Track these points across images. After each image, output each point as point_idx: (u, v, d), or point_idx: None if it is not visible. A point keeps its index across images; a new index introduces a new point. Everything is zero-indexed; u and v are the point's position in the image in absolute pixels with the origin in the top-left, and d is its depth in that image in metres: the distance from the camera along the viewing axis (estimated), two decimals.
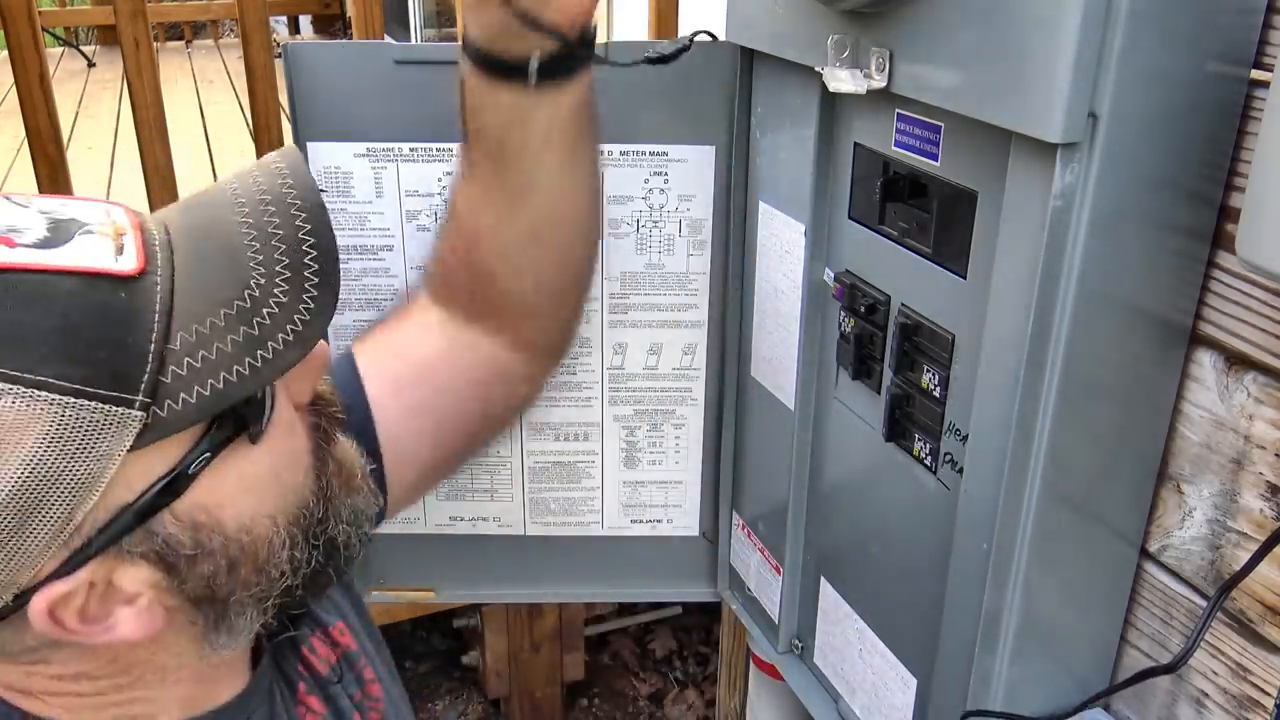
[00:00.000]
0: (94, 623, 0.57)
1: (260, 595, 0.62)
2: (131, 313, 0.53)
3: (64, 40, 5.90)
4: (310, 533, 0.63)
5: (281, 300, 0.56)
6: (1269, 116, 0.55)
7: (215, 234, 0.58)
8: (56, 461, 0.51)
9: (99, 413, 0.51)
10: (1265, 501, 0.67)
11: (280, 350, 0.55)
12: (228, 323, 0.55)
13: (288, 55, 0.99)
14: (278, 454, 0.61)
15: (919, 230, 0.77)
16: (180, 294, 0.55)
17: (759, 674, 1.27)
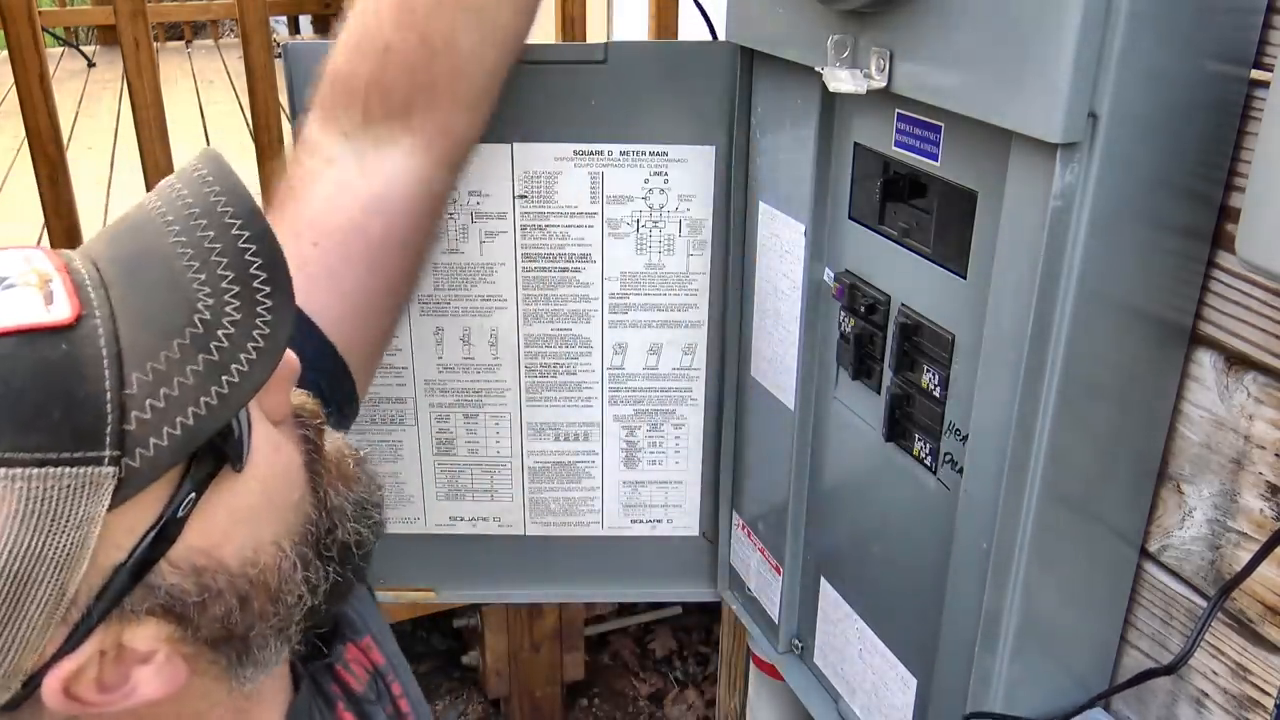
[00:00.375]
0: (113, 690, 0.54)
1: (280, 625, 0.59)
2: (77, 364, 0.48)
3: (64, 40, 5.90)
4: (321, 546, 0.61)
5: (235, 318, 0.52)
6: (1269, 116, 0.55)
7: (149, 260, 0.53)
8: (34, 539, 0.47)
9: (68, 478, 0.47)
10: (1265, 501, 0.67)
11: (246, 371, 0.51)
12: (183, 353, 0.50)
13: (288, 55, 0.99)
14: (266, 477, 0.57)
15: (919, 230, 0.77)
16: (125, 332, 0.50)
17: (759, 674, 1.27)
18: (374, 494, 0.67)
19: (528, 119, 1.00)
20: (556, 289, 1.06)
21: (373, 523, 0.65)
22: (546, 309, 1.07)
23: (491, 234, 1.04)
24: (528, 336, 1.08)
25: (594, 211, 1.03)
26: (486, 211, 1.03)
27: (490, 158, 1.02)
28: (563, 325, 1.07)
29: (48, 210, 1.41)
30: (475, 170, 1.02)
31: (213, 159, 0.57)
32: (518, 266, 1.05)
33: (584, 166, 1.02)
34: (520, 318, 1.07)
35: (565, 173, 1.02)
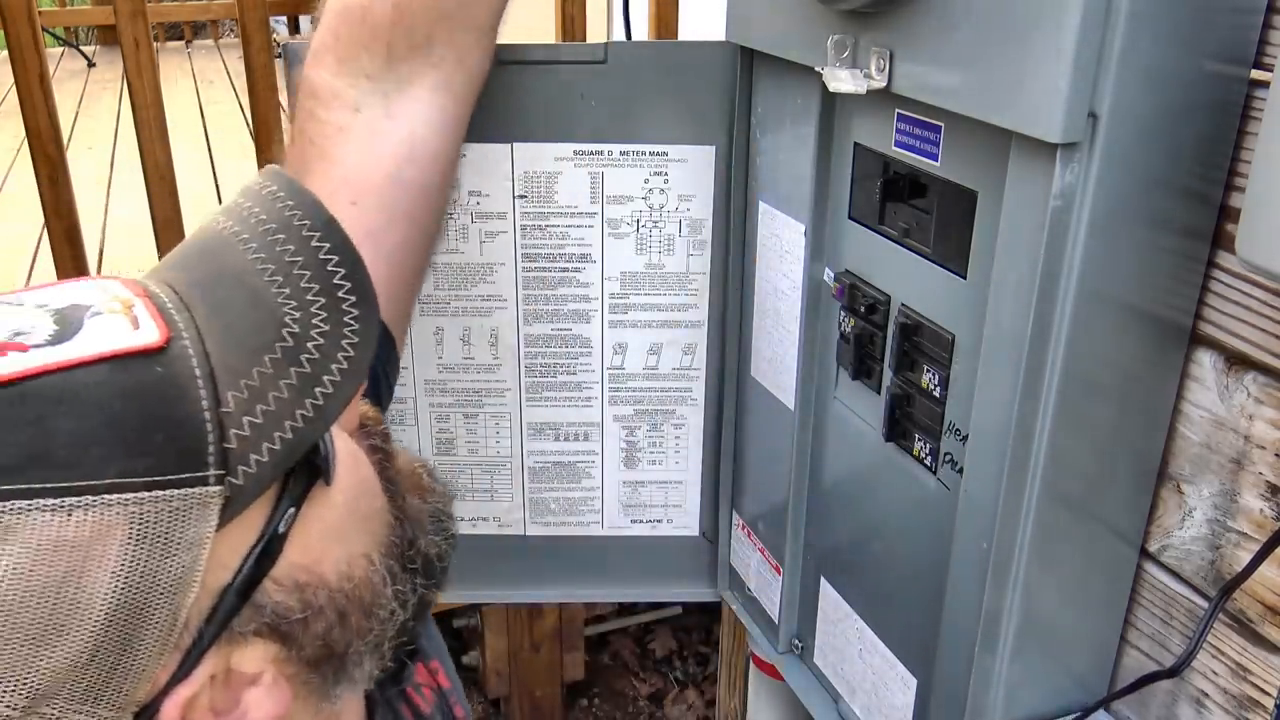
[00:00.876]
0: (226, 715, 0.53)
1: (375, 641, 0.59)
2: (173, 385, 0.48)
3: (64, 40, 5.90)
4: (405, 558, 0.60)
5: (324, 329, 0.52)
6: (1269, 116, 0.55)
7: (228, 279, 0.53)
8: (148, 564, 0.47)
9: (177, 499, 0.47)
10: (1265, 501, 0.67)
11: (339, 382, 0.51)
12: (275, 368, 0.50)
13: (288, 55, 0.99)
14: (351, 490, 0.57)
15: (919, 230, 0.77)
16: (215, 351, 0.50)
17: (759, 674, 1.27)
18: (447, 504, 0.67)
19: (528, 119, 1.00)
20: (556, 289, 1.06)
21: (449, 534, 0.65)
22: (546, 309, 1.07)
23: (491, 234, 1.04)
24: (528, 336, 1.08)
25: (594, 211, 1.03)
26: (486, 211, 1.03)
27: (490, 158, 1.02)
28: (563, 325, 1.07)
29: (48, 210, 1.41)
30: (475, 170, 1.02)
31: (279, 175, 0.56)
32: (518, 266, 1.05)
33: (584, 166, 1.02)
34: (520, 318, 1.07)
35: (565, 173, 1.02)
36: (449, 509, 0.67)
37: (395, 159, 0.80)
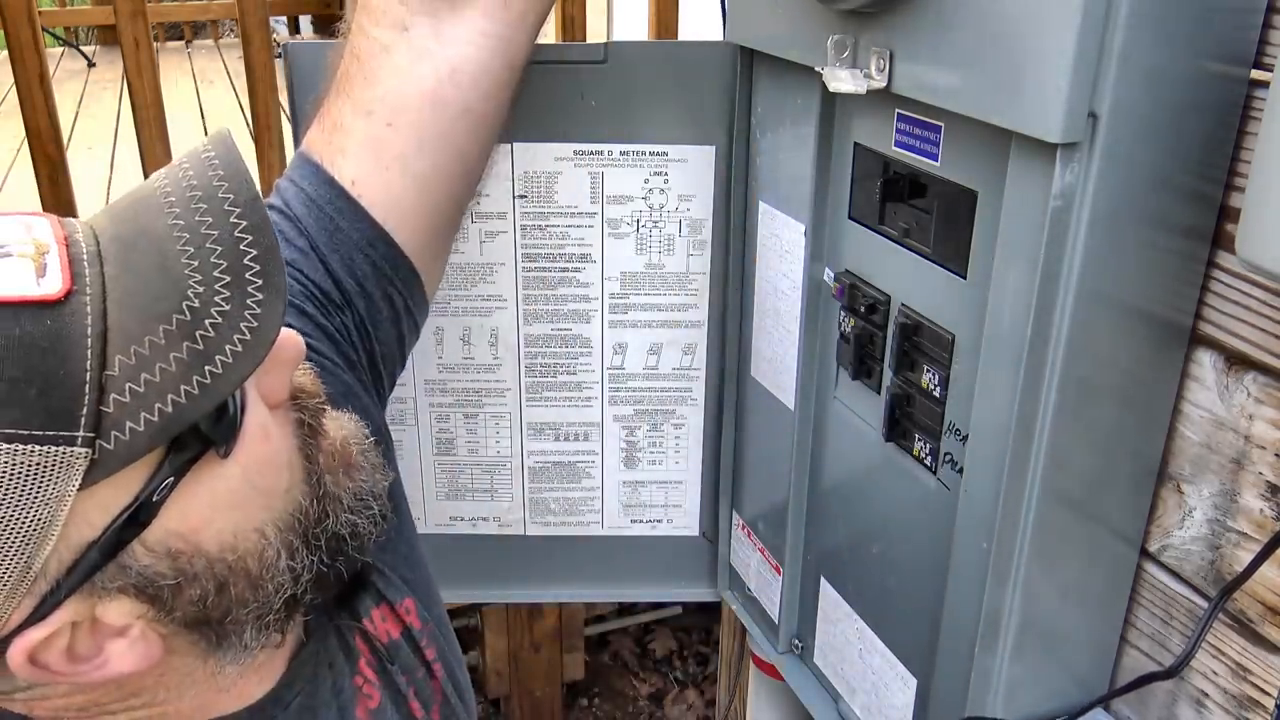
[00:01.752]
0: (84, 661, 0.54)
1: (259, 611, 0.58)
2: (61, 341, 0.48)
3: (64, 40, 5.90)
4: (309, 535, 0.60)
5: (224, 309, 0.51)
6: (1269, 116, 0.55)
7: (146, 240, 0.53)
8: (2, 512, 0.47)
9: (39, 455, 0.47)
10: (1265, 501, 0.67)
11: (230, 363, 0.51)
12: (169, 340, 0.50)
13: (288, 55, 0.99)
14: (252, 464, 0.56)
15: (919, 230, 0.77)
16: (114, 312, 0.50)
17: (759, 674, 1.27)
18: (376, 484, 0.65)
19: (528, 119, 1.00)
20: (556, 289, 1.06)
21: (371, 513, 0.64)
22: (546, 309, 1.07)
23: (491, 234, 1.04)
24: (528, 336, 1.08)
25: (594, 211, 1.03)
26: (486, 211, 1.03)
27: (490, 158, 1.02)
28: (563, 325, 1.07)
29: (47, 210, 1.42)
30: None
31: (221, 141, 0.56)
32: (518, 266, 1.05)
33: (584, 166, 1.02)
34: (520, 318, 1.07)
35: (565, 173, 1.02)
36: (377, 488, 0.65)
37: (436, 79, 0.78)
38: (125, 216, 0.55)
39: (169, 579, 0.54)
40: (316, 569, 0.61)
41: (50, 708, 0.58)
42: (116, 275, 0.51)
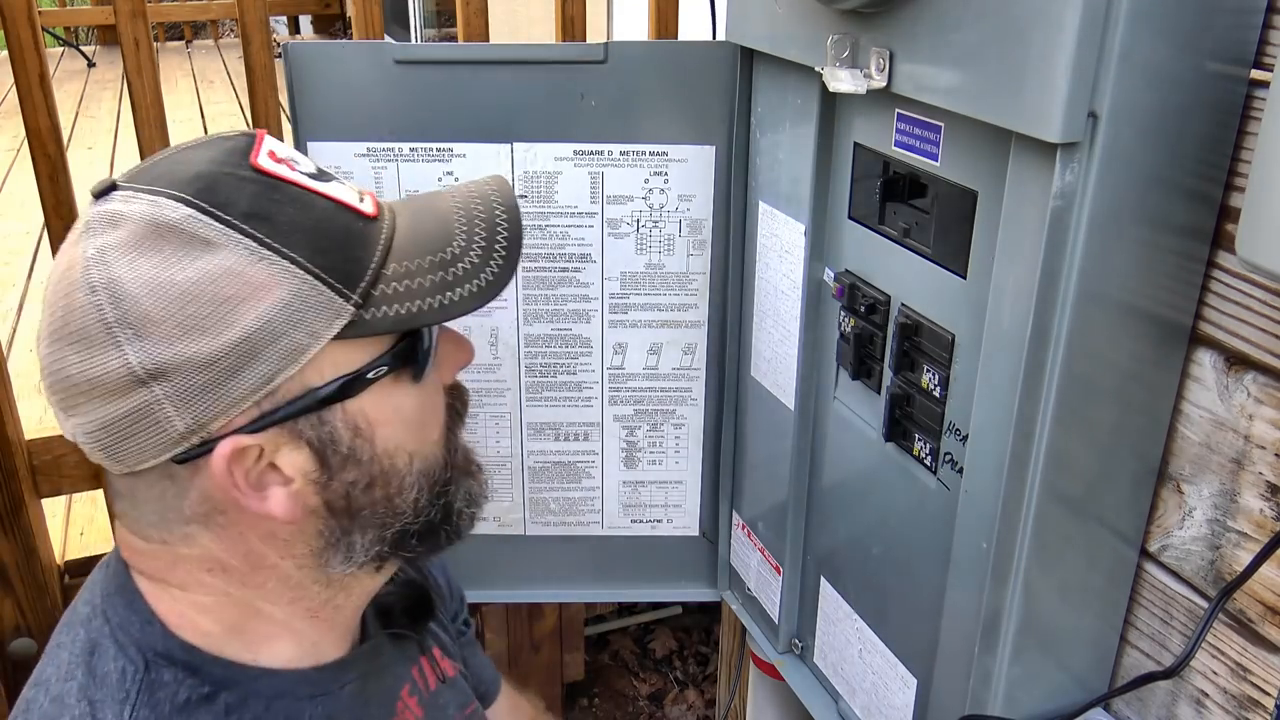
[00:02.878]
0: (251, 489, 0.64)
1: (383, 522, 0.69)
2: (365, 237, 0.66)
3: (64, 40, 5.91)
4: (435, 490, 0.72)
5: (474, 261, 0.68)
6: (1269, 116, 0.55)
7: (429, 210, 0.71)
8: (282, 324, 0.61)
9: (324, 295, 0.62)
10: (1265, 501, 0.67)
11: (464, 297, 0.67)
12: (430, 266, 0.67)
13: (288, 55, 0.99)
14: (426, 403, 0.70)
15: (919, 230, 0.77)
16: (400, 237, 0.68)
17: (759, 674, 1.27)
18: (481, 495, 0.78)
19: (528, 119, 1.00)
20: (556, 289, 1.06)
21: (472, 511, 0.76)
22: (546, 309, 1.07)
23: None
24: (528, 336, 1.08)
25: (594, 211, 1.03)
26: None
27: (490, 158, 1.02)
28: (563, 325, 1.07)
29: (48, 210, 1.41)
30: (475, 170, 1.02)
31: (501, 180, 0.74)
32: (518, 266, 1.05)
33: (584, 166, 1.02)
34: (520, 318, 1.07)
35: (565, 173, 1.02)
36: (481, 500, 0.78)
37: None
38: (416, 200, 0.74)
39: (344, 449, 0.66)
40: (431, 520, 0.72)
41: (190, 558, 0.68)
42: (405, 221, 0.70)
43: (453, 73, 0.99)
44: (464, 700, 0.89)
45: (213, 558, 0.68)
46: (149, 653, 0.68)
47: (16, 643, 1.50)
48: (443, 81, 1.00)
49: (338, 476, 0.66)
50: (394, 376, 0.67)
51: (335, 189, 0.67)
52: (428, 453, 0.71)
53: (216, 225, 0.62)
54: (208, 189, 0.63)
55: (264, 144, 0.68)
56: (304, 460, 0.65)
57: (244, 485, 0.64)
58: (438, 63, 1.00)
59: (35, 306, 3.10)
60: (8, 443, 1.41)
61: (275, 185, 0.65)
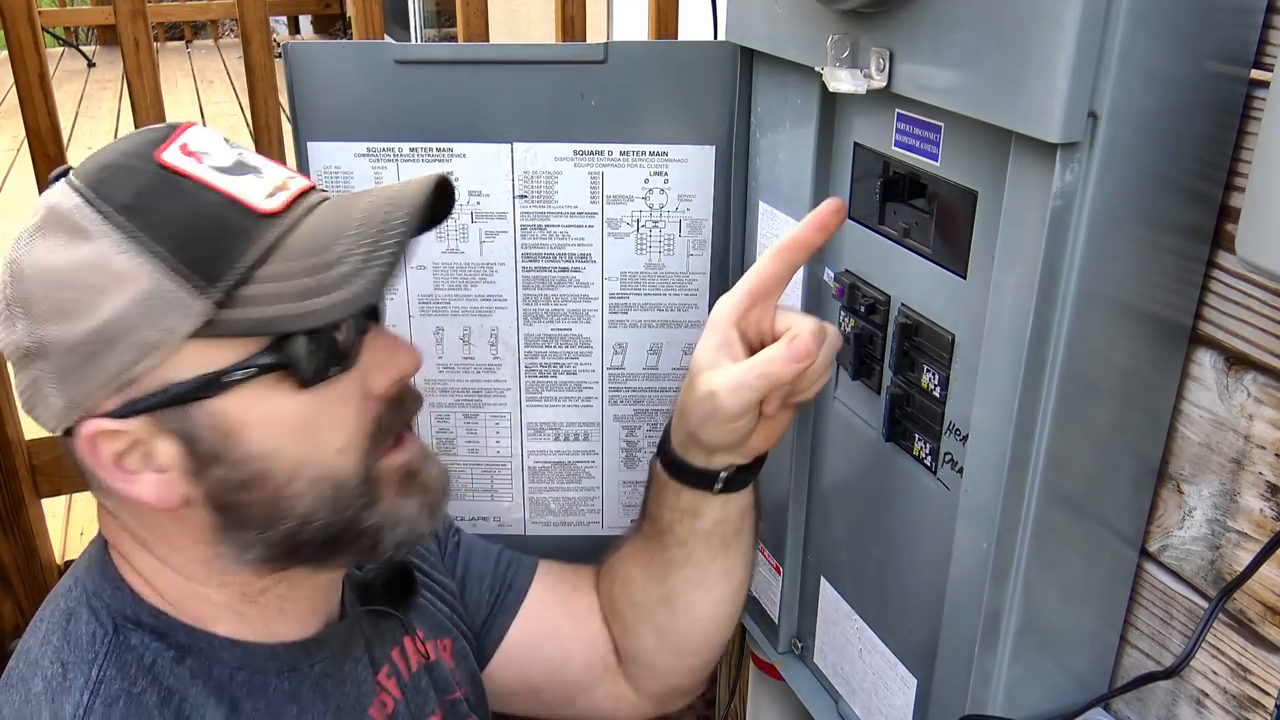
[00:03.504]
0: (124, 472, 0.67)
1: (264, 524, 0.69)
2: (245, 236, 0.65)
3: (64, 40, 5.90)
4: (339, 503, 0.70)
5: (348, 268, 0.65)
6: (1269, 116, 0.55)
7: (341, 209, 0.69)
8: (136, 317, 0.63)
9: (179, 292, 0.63)
10: (1265, 501, 0.67)
11: (329, 306, 0.64)
12: (304, 270, 0.65)
13: (288, 55, 0.99)
14: (321, 412, 0.68)
15: (919, 230, 0.77)
16: (295, 238, 0.66)
17: (759, 674, 1.27)
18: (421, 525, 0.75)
19: (528, 119, 1.00)
20: (556, 289, 1.06)
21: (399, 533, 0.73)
22: (546, 309, 1.07)
23: (491, 234, 1.04)
24: (528, 336, 1.08)
25: (594, 211, 1.04)
26: (486, 211, 1.03)
27: (490, 158, 1.02)
28: (563, 325, 1.08)
29: None
30: (475, 170, 1.02)
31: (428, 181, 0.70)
32: (518, 266, 1.05)
33: (584, 166, 1.02)
34: (520, 318, 1.07)
35: (565, 173, 1.02)
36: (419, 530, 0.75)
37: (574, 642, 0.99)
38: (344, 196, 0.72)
39: (207, 447, 0.66)
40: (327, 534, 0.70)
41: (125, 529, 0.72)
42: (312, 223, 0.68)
43: (453, 73, 0.99)
44: (446, 686, 0.89)
45: (134, 528, 0.72)
46: (118, 617, 0.71)
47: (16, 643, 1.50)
48: (443, 81, 1.00)
49: (207, 472, 0.67)
50: (274, 380, 0.66)
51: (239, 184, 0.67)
52: (326, 462, 0.69)
53: (93, 215, 0.64)
54: (101, 180, 0.66)
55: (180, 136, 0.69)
56: (175, 452, 0.66)
57: (110, 466, 0.66)
58: (438, 63, 1.00)
59: None
60: (8, 443, 1.41)
61: (168, 179, 0.66)
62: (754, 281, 0.77)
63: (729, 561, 0.89)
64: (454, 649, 0.93)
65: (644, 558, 0.91)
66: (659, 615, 0.92)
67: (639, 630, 0.95)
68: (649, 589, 0.92)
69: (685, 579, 0.89)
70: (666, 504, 0.86)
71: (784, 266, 0.77)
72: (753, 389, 0.74)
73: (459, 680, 0.91)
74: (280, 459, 0.67)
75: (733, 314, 0.77)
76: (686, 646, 0.94)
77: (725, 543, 0.88)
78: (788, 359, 0.73)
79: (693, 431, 0.80)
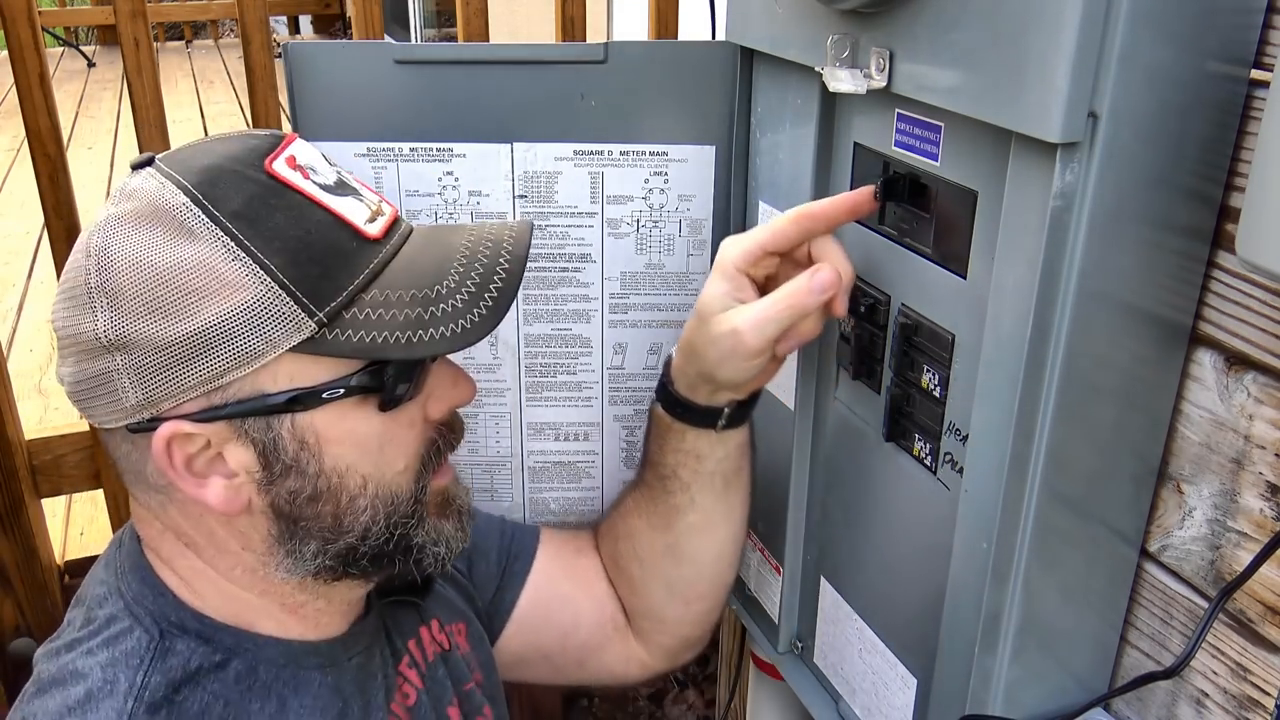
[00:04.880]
0: (194, 475, 0.67)
1: (328, 536, 0.70)
2: (353, 258, 0.66)
3: (64, 40, 5.91)
4: (392, 520, 0.72)
5: (457, 305, 0.67)
6: (1269, 116, 0.55)
7: (438, 244, 0.71)
8: (239, 326, 0.63)
9: (288, 307, 0.63)
10: (1265, 501, 0.67)
11: (437, 339, 0.66)
12: (412, 301, 0.66)
13: (288, 55, 0.99)
14: (392, 434, 0.70)
15: (919, 230, 0.77)
16: (395, 265, 0.68)
17: (759, 674, 1.27)
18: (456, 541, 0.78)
19: (528, 119, 1.00)
20: (556, 289, 1.06)
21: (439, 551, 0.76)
22: (546, 309, 1.07)
23: None
24: (528, 336, 1.08)
25: (594, 211, 1.04)
26: (486, 211, 1.03)
27: (490, 158, 1.02)
28: (563, 325, 1.08)
29: (48, 210, 1.41)
30: (475, 170, 1.02)
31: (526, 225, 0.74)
32: None
33: (584, 166, 1.02)
34: (520, 317, 1.07)
35: (565, 173, 1.02)
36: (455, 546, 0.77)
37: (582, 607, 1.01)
38: (437, 229, 0.74)
39: (287, 458, 0.67)
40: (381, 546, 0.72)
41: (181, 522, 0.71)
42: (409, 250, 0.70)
43: (453, 73, 0.99)
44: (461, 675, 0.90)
45: (181, 530, 0.71)
46: (164, 623, 0.71)
47: (16, 643, 1.50)
48: (443, 81, 1.00)
49: (280, 482, 0.68)
50: (359, 400, 0.68)
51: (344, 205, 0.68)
52: (388, 480, 0.71)
53: (204, 218, 0.64)
54: (210, 182, 0.65)
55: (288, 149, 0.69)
56: (249, 459, 0.67)
57: (181, 468, 0.66)
58: (438, 63, 1.00)
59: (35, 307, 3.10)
60: (8, 443, 1.41)
61: (278, 190, 0.66)
62: (767, 237, 0.79)
63: (731, 500, 0.92)
64: (469, 632, 0.94)
65: (647, 508, 0.93)
66: (666, 565, 0.94)
67: (647, 584, 0.96)
68: (654, 540, 0.94)
69: (690, 525, 0.92)
70: (670, 447, 0.89)
71: (800, 233, 0.79)
72: (776, 322, 0.77)
73: (474, 666, 0.92)
74: (351, 475, 0.69)
75: (743, 261, 0.79)
76: (695, 593, 0.96)
77: (727, 481, 0.91)
78: (813, 289, 0.76)
79: (708, 371, 0.82)
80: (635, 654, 1.01)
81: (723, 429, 0.87)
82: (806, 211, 0.78)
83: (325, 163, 0.71)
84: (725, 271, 0.80)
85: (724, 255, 0.81)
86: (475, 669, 0.92)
